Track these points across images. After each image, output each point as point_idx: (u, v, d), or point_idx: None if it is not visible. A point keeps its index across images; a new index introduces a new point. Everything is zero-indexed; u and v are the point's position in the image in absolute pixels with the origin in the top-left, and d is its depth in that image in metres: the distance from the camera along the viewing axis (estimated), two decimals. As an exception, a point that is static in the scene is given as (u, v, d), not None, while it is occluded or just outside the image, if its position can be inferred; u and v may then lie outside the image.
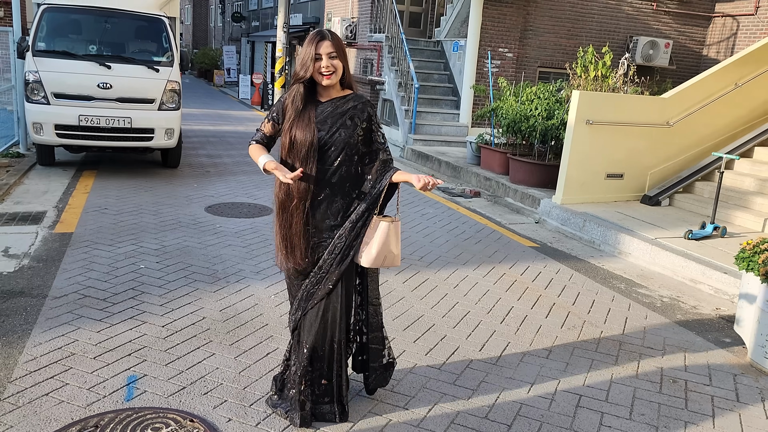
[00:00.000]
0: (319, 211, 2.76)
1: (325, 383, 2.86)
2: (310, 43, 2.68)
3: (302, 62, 2.70)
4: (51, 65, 7.48)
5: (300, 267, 2.79)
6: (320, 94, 2.79)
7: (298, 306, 2.84)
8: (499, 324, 4.24)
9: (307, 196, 2.71)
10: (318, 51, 2.66)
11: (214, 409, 2.97)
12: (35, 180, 7.47)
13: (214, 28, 36.90)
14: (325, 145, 2.72)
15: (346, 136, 2.73)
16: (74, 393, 3.03)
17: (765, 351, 3.75)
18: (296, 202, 2.71)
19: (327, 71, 2.67)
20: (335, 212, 2.77)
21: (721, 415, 3.25)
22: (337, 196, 2.77)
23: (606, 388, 3.45)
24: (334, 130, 2.73)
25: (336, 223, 2.77)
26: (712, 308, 4.87)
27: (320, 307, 2.78)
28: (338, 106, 2.77)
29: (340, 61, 2.70)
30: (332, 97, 2.79)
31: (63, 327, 3.71)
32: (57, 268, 4.66)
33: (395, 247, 2.78)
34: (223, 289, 4.50)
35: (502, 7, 11.81)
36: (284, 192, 2.73)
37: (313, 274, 2.79)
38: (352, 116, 2.76)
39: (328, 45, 2.67)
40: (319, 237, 2.78)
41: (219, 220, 6.34)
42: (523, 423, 3.05)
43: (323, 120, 2.73)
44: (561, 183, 7.34)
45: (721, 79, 7.95)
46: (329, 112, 2.75)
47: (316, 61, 2.67)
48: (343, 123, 2.74)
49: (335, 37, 2.73)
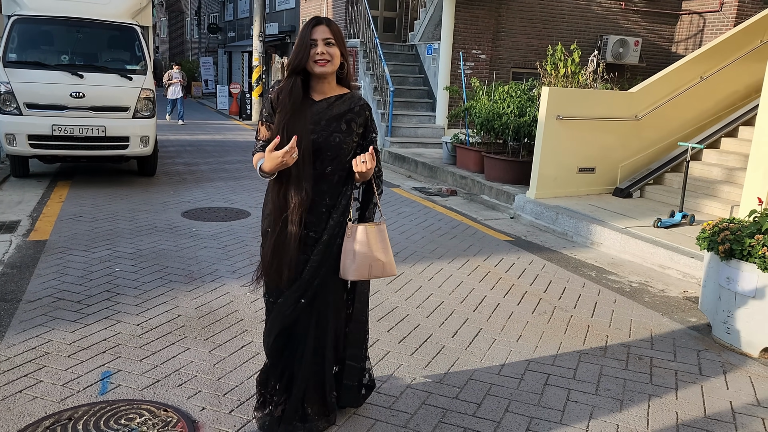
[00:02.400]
0: (306, 222, 2.49)
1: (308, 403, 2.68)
2: (306, 29, 2.41)
3: (297, 51, 2.41)
4: (23, 76, 7.47)
5: (285, 283, 2.53)
6: (314, 91, 2.48)
7: (273, 326, 2.61)
8: (472, 312, 4.32)
9: (305, 205, 2.44)
10: (313, 36, 2.38)
11: (188, 399, 3.01)
12: (9, 191, 7.43)
13: (191, 40, 36.83)
14: (318, 150, 2.44)
15: (340, 141, 2.46)
16: (48, 389, 3.05)
17: (726, 327, 3.87)
18: (293, 212, 2.43)
19: (322, 58, 2.38)
20: (321, 225, 2.51)
21: (684, 388, 3.36)
22: (323, 207, 2.51)
23: (574, 367, 3.54)
24: (327, 134, 2.44)
25: (318, 236, 2.52)
26: (680, 291, 4.99)
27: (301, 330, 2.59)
28: (334, 107, 2.47)
29: (337, 50, 2.41)
30: (327, 95, 2.49)
31: (37, 329, 3.72)
32: (31, 273, 4.66)
33: (382, 253, 2.50)
34: (198, 288, 4.53)
35: (474, 9, 11.99)
36: (283, 198, 2.44)
37: (291, 291, 2.53)
38: (348, 120, 2.47)
39: (325, 30, 2.39)
40: (305, 251, 2.51)
41: (195, 224, 6.36)
42: (493, 401, 3.12)
43: (317, 121, 2.44)
44: (534, 178, 7.47)
45: (687, 73, 8.15)
46: (323, 113, 2.46)
47: (311, 48, 2.38)
48: (337, 127, 2.46)
49: (333, 23, 2.45)
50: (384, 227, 2.55)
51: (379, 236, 2.51)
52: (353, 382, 2.80)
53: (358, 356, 2.78)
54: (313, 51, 2.38)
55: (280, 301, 2.56)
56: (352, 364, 2.77)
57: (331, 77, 2.49)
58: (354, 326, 2.74)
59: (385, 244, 2.52)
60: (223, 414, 2.90)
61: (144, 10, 9.06)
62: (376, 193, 2.60)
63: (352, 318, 2.73)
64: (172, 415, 2.86)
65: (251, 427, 2.81)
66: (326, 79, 2.47)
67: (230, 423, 2.84)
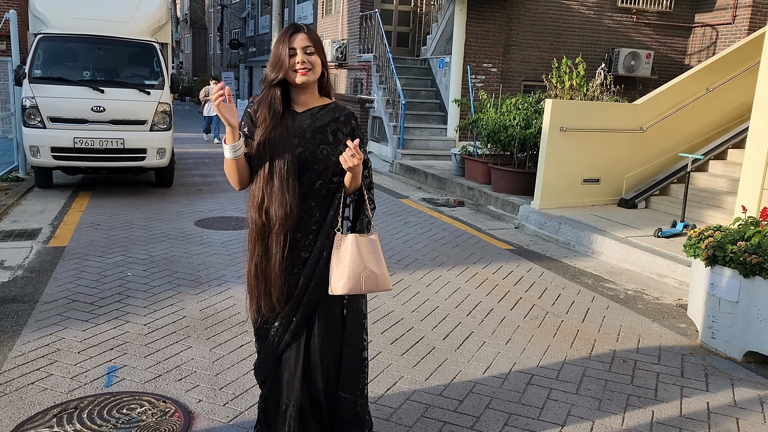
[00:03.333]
0: (296, 240, 2.35)
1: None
2: (283, 37, 2.30)
3: (273, 61, 2.30)
4: (47, 91, 7.83)
5: (276, 309, 2.37)
6: (296, 103, 2.38)
7: (267, 355, 2.46)
8: (465, 317, 4.46)
9: (289, 223, 2.30)
10: (292, 45, 2.27)
11: (186, 392, 3.21)
12: (33, 201, 7.77)
13: (213, 55, 37.62)
14: (304, 164, 2.32)
15: (327, 153, 2.34)
16: (57, 382, 3.27)
17: (712, 331, 3.97)
18: (276, 231, 2.29)
19: (302, 67, 2.27)
20: (311, 242, 2.37)
21: (663, 389, 3.46)
22: (314, 225, 2.37)
23: (558, 369, 3.66)
24: (313, 147, 2.33)
25: (309, 255, 2.37)
26: (674, 299, 5.08)
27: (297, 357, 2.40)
28: (318, 119, 2.36)
29: (318, 57, 2.31)
30: (309, 106, 2.38)
31: (51, 327, 3.96)
32: (49, 277, 4.92)
33: (374, 265, 2.32)
34: (204, 292, 4.75)
35: (484, 24, 12.19)
36: (265, 216, 2.30)
37: (284, 314, 2.38)
38: (334, 131, 2.37)
39: (304, 38, 2.29)
40: (290, 273, 2.36)
41: (207, 232, 6.61)
42: (475, 398, 3.27)
43: (302, 134, 2.33)
44: (538, 189, 7.59)
45: (692, 86, 8.23)
46: (308, 125, 2.34)
47: (291, 58, 2.27)
48: (324, 138, 2.35)
49: (312, 30, 2.34)
50: (376, 239, 2.38)
51: (371, 247, 2.34)
52: (347, 416, 2.52)
53: (352, 387, 2.50)
54: (293, 60, 2.27)
55: (276, 325, 2.40)
56: (346, 396, 2.50)
57: (312, 87, 2.38)
58: (347, 351, 2.48)
59: (378, 256, 2.35)
60: (217, 406, 3.09)
61: (163, 28, 9.42)
62: (368, 208, 2.44)
63: (344, 342, 2.48)
64: (171, 406, 3.05)
65: (243, 418, 3.00)
66: (308, 89, 2.37)
67: (224, 414, 3.02)
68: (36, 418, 2.91)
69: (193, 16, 39.21)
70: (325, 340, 2.41)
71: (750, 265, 3.62)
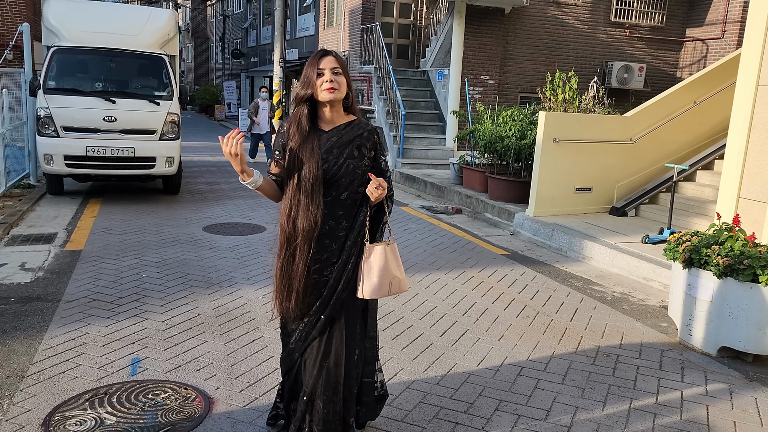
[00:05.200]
0: (322, 247, 2.59)
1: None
2: (313, 60, 2.54)
3: (304, 81, 2.54)
4: (60, 101, 8.16)
5: (299, 309, 2.62)
6: (323, 121, 2.61)
7: (295, 348, 2.70)
8: (462, 316, 4.77)
9: (314, 234, 2.54)
10: (320, 66, 2.51)
11: (205, 381, 3.51)
12: (46, 207, 8.08)
13: (215, 65, 38.05)
14: (331, 178, 2.54)
15: (353, 167, 2.56)
16: (86, 371, 3.57)
17: (689, 329, 4.28)
18: (300, 240, 2.54)
19: (330, 85, 2.49)
20: (339, 247, 2.60)
21: (642, 380, 3.77)
22: (341, 231, 2.60)
23: (546, 362, 3.97)
24: (341, 161, 2.55)
25: (337, 260, 2.61)
26: (659, 300, 5.39)
27: (320, 350, 2.63)
28: (344, 135, 2.58)
29: (344, 78, 2.54)
30: (336, 124, 2.61)
31: (75, 323, 4.26)
32: (68, 278, 5.22)
33: (397, 270, 2.61)
34: (216, 292, 5.05)
35: (482, 37, 12.57)
36: (292, 226, 2.55)
37: (312, 312, 2.62)
38: (359, 146, 2.58)
39: (332, 60, 2.53)
40: (320, 275, 2.60)
41: (215, 237, 6.91)
42: (469, 387, 3.57)
43: (329, 150, 2.55)
44: (533, 197, 7.92)
45: (680, 99, 8.58)
46: (334, 142, 2.56)
47: (318, 77, 2.51)
48: (350, 153, 2.56)
49: (339, 55, 2.60)
50: (395, 246, 2.64)
51: (393, 254, 2.60)
52: (369, 397, 2.89)
53: (372, 371, 2.87)
54: (321, 79, 2.50)
55: (304, 321, 2.64)
56: (367, 380, 2.85)
57: (338, 105, 2.60)
58: (368, 343, 2.82)
59: (398, 261, 2.63)
60: (234, 392, 3.39)
61: (171, 41, 9.76)
62: (387, 213, 2.67)
63: (366, 335, 2.80)
64: (192, 392, 3.35)
65: (258, 403, 3.30)
66: (334, 108, 2.59)
67: (240, 399, 3.32)
68: (70, 402, 3.21)
69: (195, 26, 39.69)
70: (348, 335, 2.65)
71: (722, 267, 3.94)
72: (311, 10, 20.32)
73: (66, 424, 3.00)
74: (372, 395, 2.91)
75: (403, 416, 3.23)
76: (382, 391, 2.98)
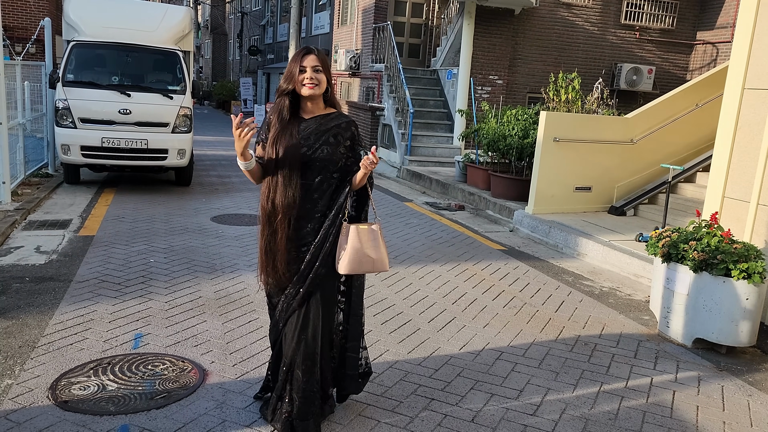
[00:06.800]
0: (300, 226, 2.81)
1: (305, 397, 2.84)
2: (296, 56, 2.76)
3: (287, 75, 2.76)
4: (78, 94, 8.48)
5: (281, 282, 2.85)
6: (304, 111, 2.83)
7: (279, 318, 2.92)
8: (451, 305, 4.98)
9: (292, 212, 2.77)
10: (303, 64, 2.73)
11: (201, 355, 3.76)
12: (62, 195, 8.41)
13: (232, 61, 38.50)
14: (308, 162, 2.77)
15: (328, 153, 2.78)
16: (92, 344, 3.83)
17: (667, 321, 4.45)
18: (281, 217, 2.76)
19: (310, 82, 2.73)
20: (315, 228, 2.82)
21: (615, 366, 3.96)
22: (317, 213, 2.82)
23: (526, 348, 4.17)
24: (317, 147, 2.77)
25: (313, 239, 2.82)
26: (645, 296, 5.55)
27: (298, 322, 2.81)
28: (322, 124, 2.81)
29: (324, 75, 2.76)
30: (315, 114, 2.83)
31: (85, 302, 4.53)
32: (80, 261, 5.51)
33: (373, 251, 2.78)
34: (219, 277, 5.31)
35: (491, 37, 12.73)
36: (271, 204, 2.78)
37: (290, 285, 2.83)
38: (335, 134, 2.81)
39: (313, 59, 2.74)
40: (298, 252, 2.82)
41: (222, 227, 7.18)
42: (448, 369, 3.78)
43: (306, 136, 2.77)
44: (532, 195, 8.09)
45: (682, 101, 8.70)
46: (312, 129, 2.79)
47: (301, 74, 2.73)
48: (326, 140, 2.78)
49: (321, 53, 2.79)
50: (376, 228, 2.82)
51: (370, 235, 2.79)
52: (354, 371, 3.09)
53: (356, 347, 3.08)
54: (303, 76, 2.73)
55: (285, 293, 2.86)
56: (352, 355, 3.06)
57: (318, 99, 2.84)
58: (353, 320, 3.03)
59: (376, 243, 2.80)
60: (228, 366, 3.64)
61: (186, 37, 10.06)
62: (370, 195, 2.91)
63: (350, 313, 3.02)
64: (188, 365, 3.61)
65: (248, 376, 3.54)
66: (314, 100, 2.83)
67: (233, 372, 3.57)
68: (75, 370, 3.47)
69: (213, 23, 40.17)
70: (325, 309, 2.87)
71: (698, 262, 4.11)
72: (326, 9, 20.59)
73: (71, 389, 3.26)
74: (356, 370, 3.09)
75: (383, 392, 3.45)
76: (366, 368, 3.16)
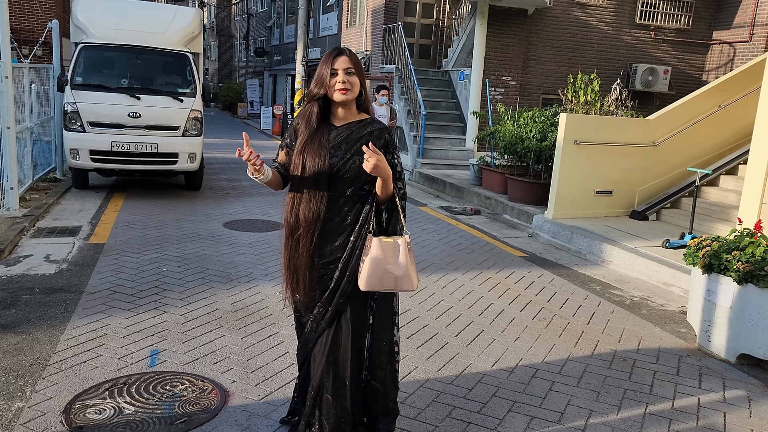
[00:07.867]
0: (328, 241, 2.59)
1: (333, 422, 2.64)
2: (327, 58, 2.53)
3: (317, 79, 2.54)
4: (87, 97, 8.31)
5: (306, 300, 2.64)
6: (335, 117, 2.61)
7: (308, 339, 2.70)
8: (477, 316, 4.77)
9: (316, 226, 2.54)
10: (334, 66, 2.51)
11: (221, 374, 3.56)
12: (71, 200, 8.24)
13: (239, 62, 38.38)
14: (337, 173, 2.53)
15: (360, 163, 2.50)
16: (107, 361, 3.64)
17: (708, 335, 4.23)
18: (302, 231, 2.55)
19: (342, 86, 2.50)
20: (344, 242, 2.58)
21: (658, 386, 3.74)
22: (347, 227, 2.58)
23: (561, 365, 3.96)
24: (348, 157, 2.54)
25: (342, 254, 2.58)
26: (678, 306, 5.33)
27: (327, 343, 2.61)
28: (354, 132, 2.58)
29: (357, 78, 2.54)
30: (348, 121, 2.60)
31: (97, 315, 4.34)
32: (91, 270, 5.33)
33: (394, 266, 2.50)
34: (235, 287, 5.11)
35: (504, 38, 12.51)
36: (294, 217, 2.57)
37: (320, 304, 2.62)
38: (367, 142, 2.47)
39: (346, 60, 2.52)
40: (326, 268, 2.60)
41: (235, 233, 6.99)
42: (483, 388, 3.57)
43: (337, 145, 2.55)
44: (552, 199, 7.87)
45: (705, 102, 8.47)
46: (344, 138, 2.56)
47: (332, 77, 2.51)
48: (358, 150, 2.52)
49: (353, 54, 2.57)
50: (402, 242, 2.54)
51: (394, 250, 2.51)
52: (376, 405, 2.76)
53: (381, 379, 2.73)
54: (335, 80, 2.50)
55: (314, 312, 2.64)
56: (376, 385, 2.74)
57: (351, 104, 2.60)
58: (375, 344, 2.71)
59: (399, 259, 2.51)
60: (250, 386, 3.44)
61: (195, 39, 9.89)
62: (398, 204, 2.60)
63: (373, 337, 2.72)
64: (208, 385, 3.41)
65: (273, 397, 3.34)
66: (347, 106, 2.59)
67: (256, 393, 3.37)
68: (90, 391, 3.28)
69: (219, 24, 40.07)
70: (354, 329, 2.62)
71: (742, 273, 3.89)
72: (334, 10, 20.41)
73: (86, 412, 3.07)
74: (378, 405, 2.75)
75: (416, 414, 3.25)
76: (393, 409, 2.80)
